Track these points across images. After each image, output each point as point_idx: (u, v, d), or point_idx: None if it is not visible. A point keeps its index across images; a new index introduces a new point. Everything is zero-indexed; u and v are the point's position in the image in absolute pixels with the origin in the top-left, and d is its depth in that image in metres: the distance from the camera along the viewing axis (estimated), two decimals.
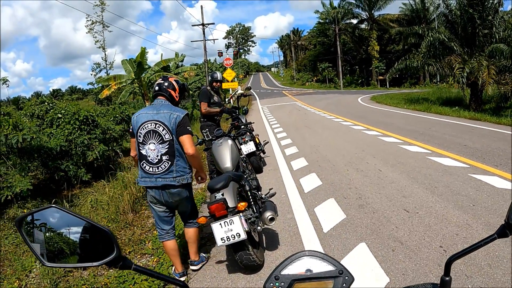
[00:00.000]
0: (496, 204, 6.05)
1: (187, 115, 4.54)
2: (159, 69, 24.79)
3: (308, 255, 1.21)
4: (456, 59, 21.60)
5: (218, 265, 5.04)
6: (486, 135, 12.26)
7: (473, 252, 1.17)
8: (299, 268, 1.19)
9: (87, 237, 1.14)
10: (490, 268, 4.11)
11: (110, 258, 1.10)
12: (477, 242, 1.15)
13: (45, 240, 1.14)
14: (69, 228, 1.14)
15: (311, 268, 1.19)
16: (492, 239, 1.14)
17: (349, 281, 1.17)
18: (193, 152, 4.41)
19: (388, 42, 63.62)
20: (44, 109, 13.07)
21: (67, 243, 1.14)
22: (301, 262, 1.20)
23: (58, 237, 1.14)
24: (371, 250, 4.88)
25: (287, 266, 1.20)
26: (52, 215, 1.14)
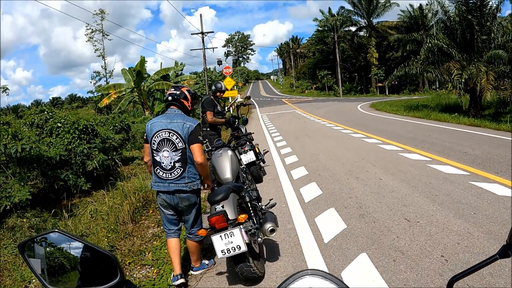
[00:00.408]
0: (497, 211, 6.03)
1: (199, 125, 4.74)
2: (159, 78, 24.87)
3: (311, 274, 1.19)
4: (455, 65, 21.66)
5: (218, 277, 5.02)
6: (486, 142, 12.25)
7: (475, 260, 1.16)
8: (301, 287, 1.17)
9: (90, 261, 1.13)
10: (492, 278, 4.09)
11: (113, 283, 1.08)
12: (479, 263, 1.14)
13: (47, 264, 1.13)
14: (71, 251, 1.12)
15: (313, 287, 1.17)
16: (493, 259, 1.12)
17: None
18: (202, 160, 4.62)
19: (387, 49, 63.72)
20: (43, 118, 13.06)
21: (69, 267, 1.12)
22: (303, 281, 1.18)
23: (60, 261, 1.13)
24: (372, 260, 4.85)
25: (289, 286, 1.18)
26: (55, 239, 1.13)
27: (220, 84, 9.42)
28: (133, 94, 24.66)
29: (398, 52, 59.83)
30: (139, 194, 8.54)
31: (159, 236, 6.76)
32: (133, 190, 8.58)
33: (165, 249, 5.98)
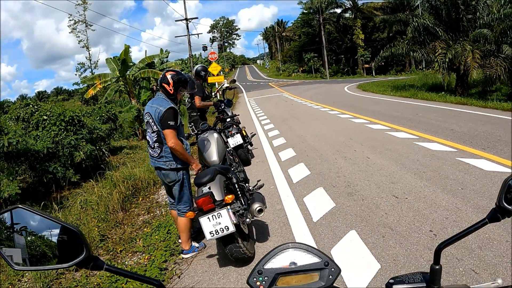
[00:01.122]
0: (484, 186, 6.08)
1: (170, 109, 4.85)
2: (144, 66, 24.64)
3: (292, 247, 1.18)
4: (440, 45, 21.67)
5: (209, 259, 5.03)
6: (473, 119, 12.31)
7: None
8: (283, 261, 1.16)
9: (57, 238, 1.10)
10: (481, 251, 4.12)
11: (80, 259, 1.06)
12: (467, 228, 1.13)
13: (13, 243, 1.10)
14: (38, 228, 1.10)
15: (296, 260, 1.16)
16: (483, 223, 1.12)
17: (335, 272, 1.15)
18: (171, 145, 4.82)
19: (372, 30, 63.76)
20: (29, 111, 12.95)
21: (35, 245, 1.10)
22: (285, 254, 1.17)
23: (26, 239, 1.10)
24: (361, 237, 4.88)
25: (271, 260, 1.17)
26: (19, 216, 1.10)
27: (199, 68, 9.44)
28: (118, 84, 24.43)
29: (384, 33, 59.89)
30: (128, 182, 8.54)
31: (150, 223, 6.77)
32: (122, 179, 8.58)
33: (155, 235, 5.99)
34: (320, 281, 1.14)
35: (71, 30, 47.98)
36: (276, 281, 1.15)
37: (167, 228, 6.13)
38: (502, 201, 1.08)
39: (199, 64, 9.64)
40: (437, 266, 1.13)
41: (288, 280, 1.15)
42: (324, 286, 1.14)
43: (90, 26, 48.22)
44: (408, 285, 1.17)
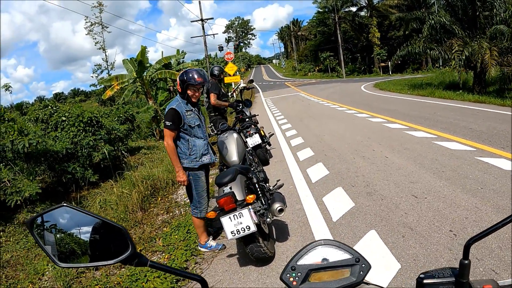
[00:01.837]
0: (504, 186, 6.03)
1: (170, 110, 5.04)
2: (161, 67, 24.77)
3: (324, 244, 1.20)
4: (457, 42, 21.47)
5: (229, 259, 5.06)
6: (491, 118, 12.20)
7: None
8: (315, 257, 1.19)
9: (100, 235, 1.12)
10: (501, 251, 4.10)
11: (125, 256, 1.08)
12: (495, 224, 1.13)
13: (57, 241, 1.13)
14: (81, 227, 1.12)
15: (327, 257, 1.18)
16: (510, 220, 1.12)
17: (366, 268, 1.17)
18: (164, 143, 5.12)
19: (388, 28, 63.35)
20: (48, 113, 13.09)
21: (79, 242, 1.12)
22: (317, 251, 1.20)
23: (70, 237, 1.12)
24: (381, 237, 4.88)
25: (303, 256, 1.19)
26: (63, 214, 1.12)
27: (213, 67, 9.82)
28: (135, 85, 24.55)
29: (400, 31, 59.44)
30: (147, 182, 8.59)
31: (169, 222, 6.82)
32: (141, 179, 8.63)
33: (175, 235, 6.04)
34: (351, 276, 1.16)
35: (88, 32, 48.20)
36: (309, 277, 1.17)
37: (187, 227, 6.16)
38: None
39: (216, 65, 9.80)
40: (466, 261, 1.14)
41: (320, 276, 1.17)
42: (355, 282, 1.16)
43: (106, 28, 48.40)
44: (438, 279, 1.18)
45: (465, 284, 1.14)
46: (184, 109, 5.01)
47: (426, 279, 1.18)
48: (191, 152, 5.10)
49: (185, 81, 5.00)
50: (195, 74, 4.99)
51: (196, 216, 5.28)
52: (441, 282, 1.18)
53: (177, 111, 4.94)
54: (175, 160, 5.01)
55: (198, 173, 5.18)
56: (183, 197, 8.05)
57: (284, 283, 1.18)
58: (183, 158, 5.09)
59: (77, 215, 1.12)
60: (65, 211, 1.12)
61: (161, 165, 10.61)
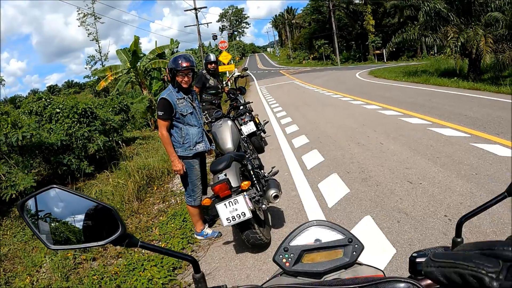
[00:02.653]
0: (498, 172, 6.06)
1: (160, 99, 5.03)
2: (154, 57, 24.69)
3: (316, 224, 1.21)
4: (452, 29, 21.45)
5: (225, 246, 5.08)
6: (486, 105, 12.22)
7: (479, 219, 1.16)
8: (308, 238, 1.19)
9: (90, 216, 1.11)
10: (495, 235, 4.11)
11: (115, 236, 1.07)
12: (487, 202, 1.14)
13: (49, 223, 1.12)
14: (71, 208, 1.11)
15: (320, 237, 1.19)
16: (502, 197, 1.13)
17: (359, 249, 1.17)
18: (159, 134, 5.15)
19: (383, 16, 63.22)
20: (41, 105, 13.00)
21: (70, 223, 1.12)
22: (310, 232, 1.20)
23: (61, 218, 1.12)
24: (377, 222, 4.90)
25: (296, 237, 1.20)
26: (53, 196, 1.11)
27: (209, 56, 9.42)
28: (129, 75, 24.45)
29: (394, 18, 59.35)
30: (143, 172, 8.58)
31: (165, 211, 6.82)
32: (136, 169, 8.61)
33: (171, 224, 6.05)
34: (344, 257, 1.17)
35: (80, 23, 47.87)
36: (302, 257, 1.18)
37: (183, 216, 6.17)
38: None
39: (211, 53, 9.72)
40: (458, 239, 1.15)
41: (313, 256, 1.18)
42: (348, 262, 1.17)
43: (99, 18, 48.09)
44: None
45: None
46: (175, 98, 4.99)
47: (419, 258, 1.19)
48: (184, 141, 5.10)
49: (172, 69, 4.98)
50: (180, 59, 4.95)
51: (190, 204, 5.29)
52: None
53: (168, 100, 4.92)
54: (169, 149, 5.00)
55: (192, 162, 5.17)
56: (178, 186, 8.06)
57: (277, 264, 1.19)
58: (177, 147, 5.09)
59: (67, 197, 1.11)
60: (55, 193, 1.11)
61: (157, 154, 10.61)
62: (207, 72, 9.18)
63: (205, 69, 9.22)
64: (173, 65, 4.97)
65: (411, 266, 1.19)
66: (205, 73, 9.14)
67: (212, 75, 9.25)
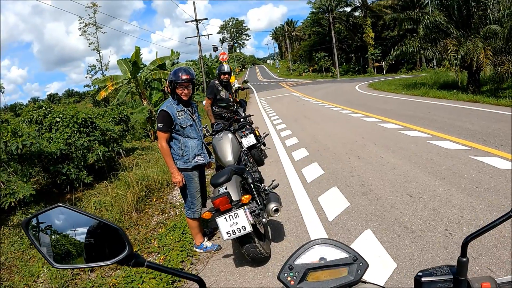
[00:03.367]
0: (499, 185, 6.05)
1: (160, 111, 5.04)
2: (155, 67, 24.74)
3: (321, 243, 1.20)
4: (452, 42, 21.57)
5: (225, 259, 5.05)
6: (486, 117, 12.24)
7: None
8: (312, 256, 1.18)
9: (97, 236, 1.11)
10: (496, 249, 4.11)
11: (122, 256, 1.07)
12: (492, 221, 1.14)
13: (52, 242, 1.11)
14: (77, 227, 1.10)
15: (325, 256, 1.18)
16: (507, 217, 1.12)
17: (363, 267, 1.17)
18: (159, 146, 5.11)
19: (382, 28, 63.55)
20: (42, 114, 13.01)
21: (75, 243, 1.11)
22: (314, 250, 1.19)
23: (66, 238, 1.11)
24: (377, 236, 4.88)
25: (301, 255, 1.19)
26: (60, 214, 1.10)
27: (223, 66, 9.10)
28: (130, 85, 24.48)
29: (394, 31, 59.67)
30: (142, 183, 8.56)
31: (164, 223, 6.80)
32: (135, 180, 8.60)
33: (170, 236, 6.02)
34: (349, 275, 1.16)
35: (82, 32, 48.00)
36: (307, 276, 1.17)
37: (182, 228, 6.14)
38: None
39: (225, 64, 9.61)
40: (464, 259, 1.14)
41: (318, 275, 1.17)
42: (353, 280, 1.16)
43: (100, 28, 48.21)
44: (436, 277, 1.18)
45: (463, 281, 1.15)
46: (175, 110, 4.98)
47: (424, 277, 1.18)
48: (183, 153, 5.09)
49: (172, 81, 4.99)
50: (180, 72, 4.96)
51: (190, 217, 5.27)
52: (439, 280, 1.18)
53: (167, 113, 4.92)
54: (169, 161, 4.99)
55: (191, 174, 5.15)
56: (178, 198, 8.04)
57: (282, 283, 1.18)
58: (176, 159, 5.08)
59: (73, 216, 1.11)
60: (60, 212, 1.11)
61: (156, 165, 10.59)
62: (220, 83, 8.95)
63: (218, 80, 9.03)
64: (173, 77, 4.97)
65: (416, 285, 1.19)
66: (217, 83, 8.95)
67: (225, 86, 9.02)
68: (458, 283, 1.15)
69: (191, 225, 5.34)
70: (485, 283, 1.14)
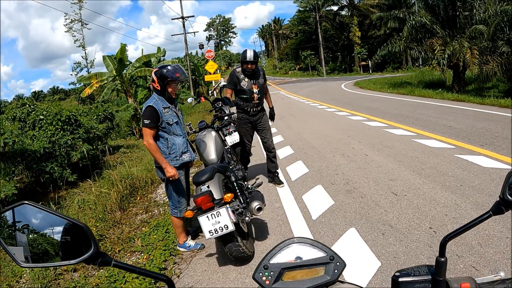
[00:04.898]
0: (483, 183, 6.08)
1: (147, 107, 4.90)
2: (141, 65, 24.61)
3: (297, 242, 1.17)
4: (438, 42, 21.71)
5: (208, 258, 5.01)
6: (471, 116, 12.33)
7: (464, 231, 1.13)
8: (288, 256, 1.16)
9: (63, 234, 1.08)
10: (481, 247, 4.12)
11: (88, 255, 1.05)
12: (472, 220, 1.11)
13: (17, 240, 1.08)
14: (43, 225, 1.07)
15: (301, 255, 1.15)
16: (487, 216, 1.10)
17: (340, 267, 1.14)
18: (144, 142, 4.97)
19: (369, 27, 63.82)
20: (25, 111, 12.89)
21: (42, 241, 1.08)
22: (291, 249, 1.16)
23: (32, 236, 1.08)
24: (361, 234, 4.87)
25: (276, 255, 1.16)
26: (25, 212, 1.08)
27: (245, 53, 7.20)
28: (115, 83, 24.35)
29: (380, 30, 59.88)
30: (126, 181, 8.49)
31: (148, 222, 6.73)
32: (119, 178, 8.52)
33: (154, 235, 5.96)
34: (326, 275, 1.14)
35: (67, 29, 47.79)
36: (282, 275, 1.14)
37: (166, 227, 6.08)
38: (506, 194, 1.07)
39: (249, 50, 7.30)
40: (442, 259, 1.12)
41: (293, 274, 1.14)
42: (330, 280, 1.13)
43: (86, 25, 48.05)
44: (414, 277, 1.16)
45: (442, 282, 1.13)
46: (161, 106, 4.91)
47: (402, 277, 1.16)
48: (170, 151, 5.02)
49: (166, 78, 4.92)
50: (178, 71, 4.93)
51: (176, 216, 5.20)
52: (417, 280, 1.16)
53: (155, 108, 4.84)
54: (159, 157, 4.89)
55: (178, 172, 5.10)
56: (162, 196, 7.99)
57: (257, 282, 1.15)
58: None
59: (39, 214, 1.08)
60: (26, 210, 1.07)
61: (141, 164, 10.52)
62: (243, 72, 7.28)
63: (241, 68, 7.34)
64: (169, 74, 4.93)
65: (393, 285, 1.16)
66: (239, 72, 7.32)
67: (249, 76, 7.29)
68: (437, 283, 1.13)
69: (176, 224, 5.28)
70: (465, 283, 1.12)
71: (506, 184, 1.08)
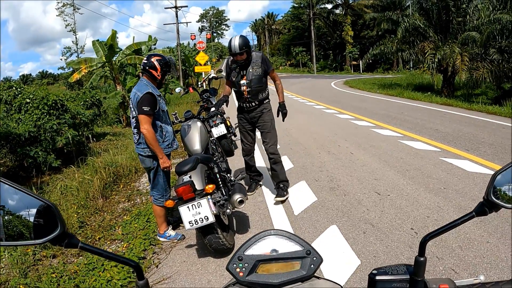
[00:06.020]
0: (467, 187, 6.11)
1: (147, 94, 4.77)
2: (131, 52, 24.39)
3: (274, 234, 1.14)
4: (429, 45, 21.83)
5: (188, 249, 4.98)
6: (458, 120, 12.40)
7: (445, 234, 1.11)
8: (264, 248, 1.13)
9: (30, 213, 1.04)
10: (461, 250, 4.14)
11: (54, 235, 1.01)
12: (454, 220, 1.10)
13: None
14: (14, 203, 1.03)
15: (277, 248, 1.12)
16: (470, 217, 1.08)
17: (317, 262, 1.11)
18: (143, 131, 4.75)
19: (362, 27, 63.97)
20: (12, 94, 12.73)
21: (7, 219, 1.04)
22: (267, 241, 1.14)
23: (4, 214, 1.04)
24: (342, 232, 4.87)
25: (252, 246, 1.13)
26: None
27: (230, 43, 5.96)
28: (104, 69, 24.12)
29: (373, 31, 60.06)
30: (110, 169, 8.43)
31: (129, 210, 6.68)
32: (103, 165, 8.46)
33: (135, 223, 5.92)
34: (301, 269, 1.11)
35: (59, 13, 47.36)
36: (257, 268, 1.11)
37: (147, 216, 6.04)
38: (491, 195, 1.06)
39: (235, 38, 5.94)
40: (421, 258, 1.10)
41: (268, 267, 1.12)
42: (305, 275, 1.10)
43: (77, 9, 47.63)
44: (392, 276, 1.14)
45: (420, 282, 1.10)
46: (156, 93, 4.91)
47: (379, 275, 1.14)
48: (164, 139, 5.01)
49: (170, 67, 5.05)
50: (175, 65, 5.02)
51: (160, 205, 5.13)
52: (395, 279, 1.14)
53: (154, 95, 4.80)
54: (157, 146, 4.81)
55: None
56: (145, 185, 7.94)
57: (231, 274, 1.12)
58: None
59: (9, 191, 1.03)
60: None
61: (126, 152, 10.43)
62: (234, 62, 6.16)
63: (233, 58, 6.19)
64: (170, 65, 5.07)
65: (370, 284, 1.14)
66: (232, 61, 6.26)
67: (241, 66, 6.17)
68: (415, 283, 1.11)
69: (159, 214, 5.23)
70: (444, 285, 1.10)
71: (491, 185, 1.07)
